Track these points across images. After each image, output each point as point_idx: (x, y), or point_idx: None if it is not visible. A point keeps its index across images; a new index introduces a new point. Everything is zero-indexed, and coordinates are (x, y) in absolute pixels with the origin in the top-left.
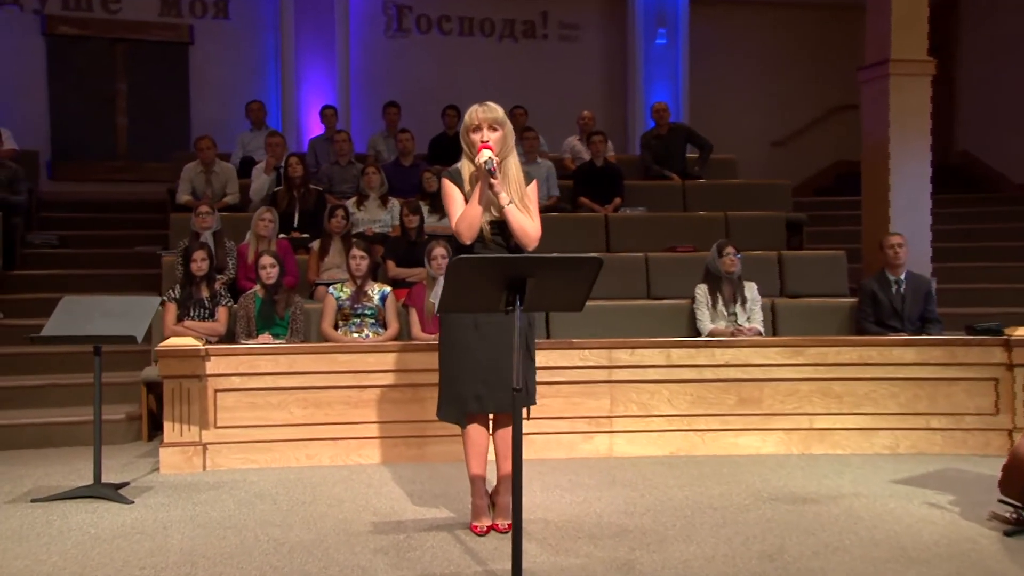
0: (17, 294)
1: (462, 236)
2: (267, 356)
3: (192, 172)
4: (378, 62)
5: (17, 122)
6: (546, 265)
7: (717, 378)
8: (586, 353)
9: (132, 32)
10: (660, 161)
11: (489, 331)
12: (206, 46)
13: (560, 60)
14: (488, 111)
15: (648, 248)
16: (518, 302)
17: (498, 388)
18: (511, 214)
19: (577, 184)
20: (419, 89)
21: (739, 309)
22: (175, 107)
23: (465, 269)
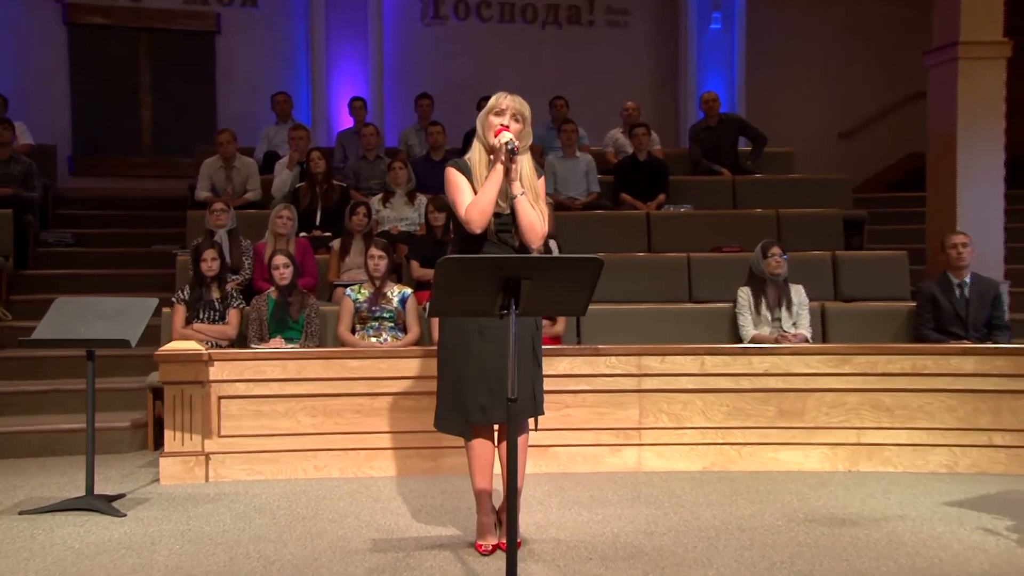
0: (29, 295)
1: (473, 224)
2: (274, 361)
3: (211, 168)
4: (413, 51)
5: (37, 115)
6: (543, 266)
7: (755, 388)
8: (613, 360)
9: (157, 21)
10: (709, 155)
11: (494, 335)
12: (234, 35)
13: (607, 47)
14: (516, 100)
15: (693, 248)
16: (514, 305)
17: (505, 397)
18: (521, 206)
19: (618, 180)
20: (455, 80)
21: (784, 314)
22: (201, 99)
23: (454, 270)
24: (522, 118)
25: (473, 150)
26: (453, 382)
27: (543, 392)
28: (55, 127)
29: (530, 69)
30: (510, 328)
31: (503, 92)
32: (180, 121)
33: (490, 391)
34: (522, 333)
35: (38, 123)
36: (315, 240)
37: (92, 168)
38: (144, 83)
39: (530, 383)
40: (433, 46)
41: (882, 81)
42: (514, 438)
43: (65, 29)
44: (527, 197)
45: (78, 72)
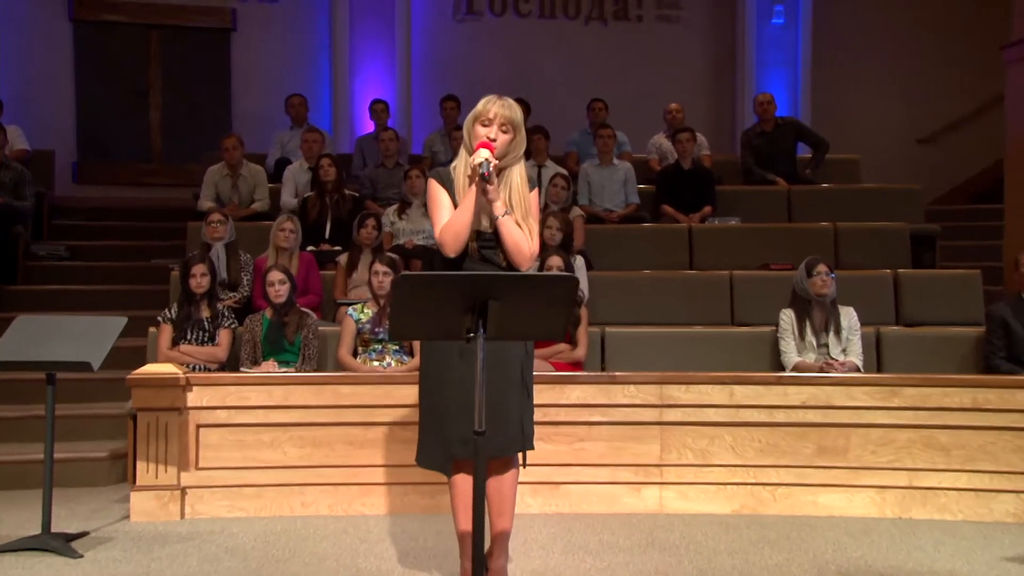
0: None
1: (446, 248)
2: (258, 387)
3: (216, 175)
4: (444, 50)
5: (40, 118)
6: (512, 284)
7: (791, 422)
8: (632, 389)
9: (168, 17)
10: (763, 162)
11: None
12: (250, 32)
13: (656, 45)
14: (506, 107)
15: (739, 266)
16: (481, 328)
17: (491, 430)
18: (505, 227)
19: (660, 190)
20: (490, 80)
21: (832, 339)
22: (215, 101)
23: (413, 289)
24: (512, 127)
25: (459, 159)
26: (434, 412)
27: (532, 424)
28: (58, 131)
29: (571, 69)
30: (477, 353)
31: (493, 96)
32: (192, 124)
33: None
34: (508, 358)
35: (40, 127)
36: (323, 254)
37: (97, 175)
38: (154, 84)
39: (518, 414)
40: (466, 44)
41: (969, 79)
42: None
43: (70, 26)
44: (513, 215)
45: (84, 72)
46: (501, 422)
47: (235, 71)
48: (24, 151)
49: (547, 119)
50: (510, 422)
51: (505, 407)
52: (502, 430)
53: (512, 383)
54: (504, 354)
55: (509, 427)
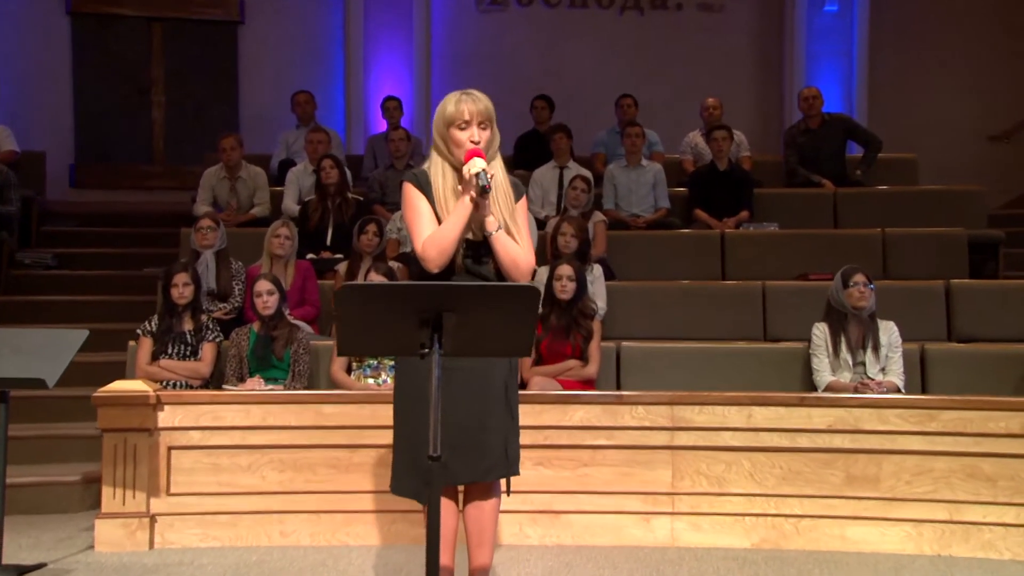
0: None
1: (429, 263)
2: (235, 406)
3: (214, 178)
4: (466, 43)
5: (36, 118)
6: (468, 296)
7: (817, 447)
8: (640, 410)
9: (171, 9)
10: (808, 163)
11: (458, 378)
12: (259, 25)
13: (697, 36)
14: (479, 102)
15: (776, 275)
16: (436, 344)
17: (471, 454)
18: (499, 243)
19: (692, 193)
20: (516, 76)
21: (870, 357)
22: (221, 99)
23: (357, 301)
24: (489, 121)
25: (434, 164)
26: (409, 435)
27: (518, 447)
28: (55, 131)
29: (604, 62)
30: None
31: (455, 93)
32: (197, 124)
33: (453, 446)
34: (490, 375)
35: (35, 127)
36: (323, 262)
37: (96, 179)
38: (157, 80)
39: (501, 436)
40: (490, 36)
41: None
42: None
43: (68, 19)
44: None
45: (82, 68)
46: (481, 445)
47: (243, 66)
48: (12, 152)
49: (576, 117)
50: (492, 445)
51: (486, 428)
52: (483, 453)
53: (494, 402)
54: (485, 370)
55: (491, 450)
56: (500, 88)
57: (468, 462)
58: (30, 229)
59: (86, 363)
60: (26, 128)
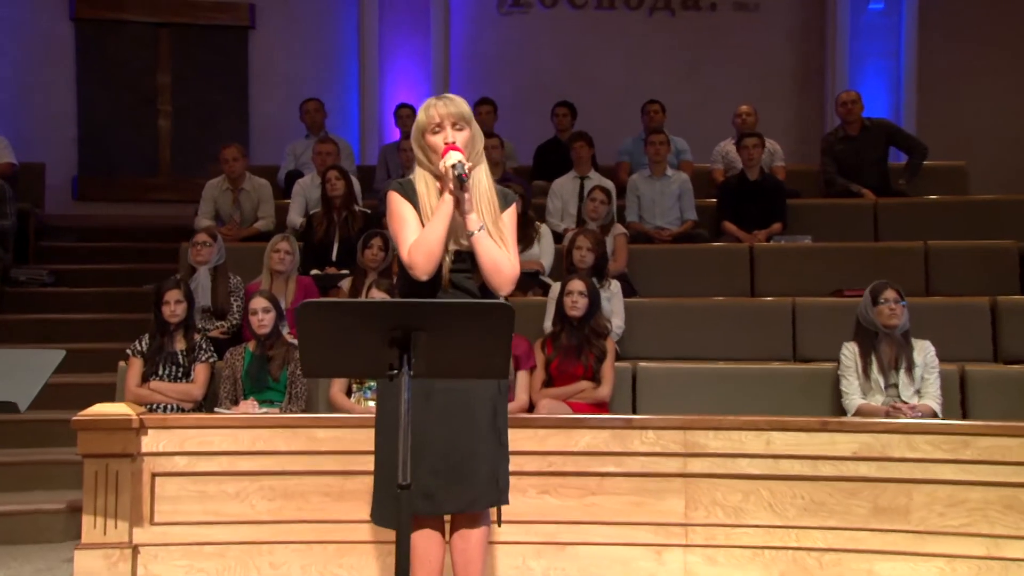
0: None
1: (417, 269)
2: (223, 430)
3: (216, 190)
4: (487, 47)
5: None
6: (438, 314)
7: (841, 475)
8: (651, 435)
9: (179, 14)
10: (847, 171)
11: (445, 400)
12: (271, 30)
13: (732, 38)
14: (450, 104)
15: (809, 291)
16: (406, 365)
17: (457, 482)
18: (481, 244)
19: (721, 203)
20: (539, 81)
21: (904, 378)
22: (231, 107)
23: (318, 319)
24: (464, 122)
25: (418, 176)
26: (391, 461)
27: (508, 476)
28: (58, 142)
29: (632, 66)
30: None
31: (429, 99)
32: (205, 134)
33: (437, 473)
34: (476, 398)
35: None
36: (327, 279)
37: (100, 191)
38: (163, 88)
39: (489, 464)
40: (512, 40)
41: None
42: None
43: (71, 26)
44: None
45: (86, 76)
46: (468, 473)
47: (253, 73)
48: (10, 165)
49: (602, 124)
50: (479, 472)
51: (472, 455)
52: (470, 482)
53: (480, 426)
54: (471, 393)
55: (478, 478)
56: (522, 94)
57: (453, 491)
58: (27, 245)
59: (79, 385)
60: (27, 139)
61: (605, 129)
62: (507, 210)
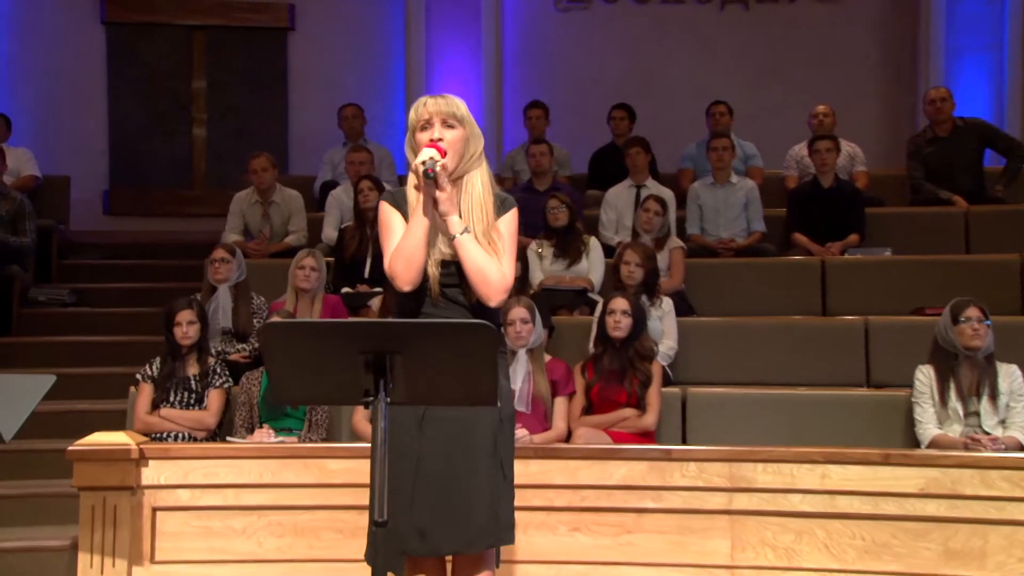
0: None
1: (397, 279)
2: (229, 460)
3: (244, 203)
4: (543, 46)
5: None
6: (416, 334)
7: (906, 515)
8: (692, 467)
9: (214, 16)
10: (936, 176)
11: (435, 431)
12: (311, 32)
13: (813, 32)
14: (441, 102)
15: (886, 310)
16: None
17: (452, 518)
18: (464, 248)
19: (791, 213)
20: (599, 82)
21: (986, 407)
22: (269, 114)
23: (284, 341)
24: (456, 120)
25: (410, 182)
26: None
27: (511, 511)
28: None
29: (701, 65)
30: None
31: (425, 96)
32: (242, 143)
33: (433, 510)
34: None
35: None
36: (356, 297)
37: (132, 205)
38: (198, 94)
39: (489, 498)
40: (571, 38)
41: None
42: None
43: (102, 29)
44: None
45: (117, 83)
46: (465, 509)
47: (292, 78)
48: (33, 178)
49: (667, 128)
50: (478, 508)
51: (471, 489)
52: (467, 519)
53: (479, 458)
54: (469, 420)
55: (477, 515)
56: (579, 97)
57: (450, 529)
58: (50, 263)
59: (95, 412)
60: (55, 150)
61: (668, 132)
62: (504, 216)
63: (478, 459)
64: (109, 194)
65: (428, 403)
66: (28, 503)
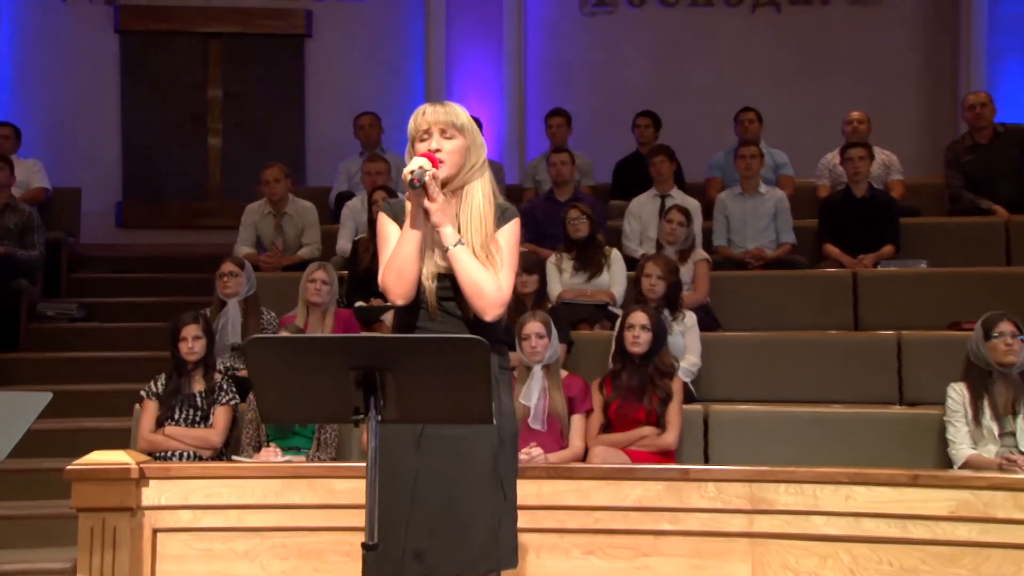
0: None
1: (389, 292)
2: (232, 480)
3: (256, 215)
4: (567, 51)
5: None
6: (406, 350)
7: (936, 539)
8: (711, 488)
9: (230, 23)
10: (976, 185)
11: (433, 449)
12: (328, 38)
13: (849, 36)
14: (440, 112)
15: (921, 324)
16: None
17: (450, 541)
18: (458, 260)
19: (822, 224)
20: (626, 89)
21: (1021, 425)
22: (286, 123)
23: (268, 357)
24: (458, 131)
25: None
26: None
27: (513, 534)
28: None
29: (732, 70)
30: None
31: (425, 105)
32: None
33: (431, 531)
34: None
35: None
36: (369, 312)
37: (145, 218)
38: (213, 104)
39: (488, 520)
40: (596, 43)
41: None
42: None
43: (116, 38)
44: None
45: (131, 92)
46: (464, 530)
47: (310, 86)
48: (42, 190)
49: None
50: (477, 530)
51: (470, 510)
52: (465, 541)
53: (478, 478)
54: (468, 441)
55: (476, 537)
56: (607, 103)
57: (448, 551)
58: (59, 277)
59: (99, 430)
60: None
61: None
62: (504, 227)
63: (477, 479)
64: (122, 206)
65: (421, 421)
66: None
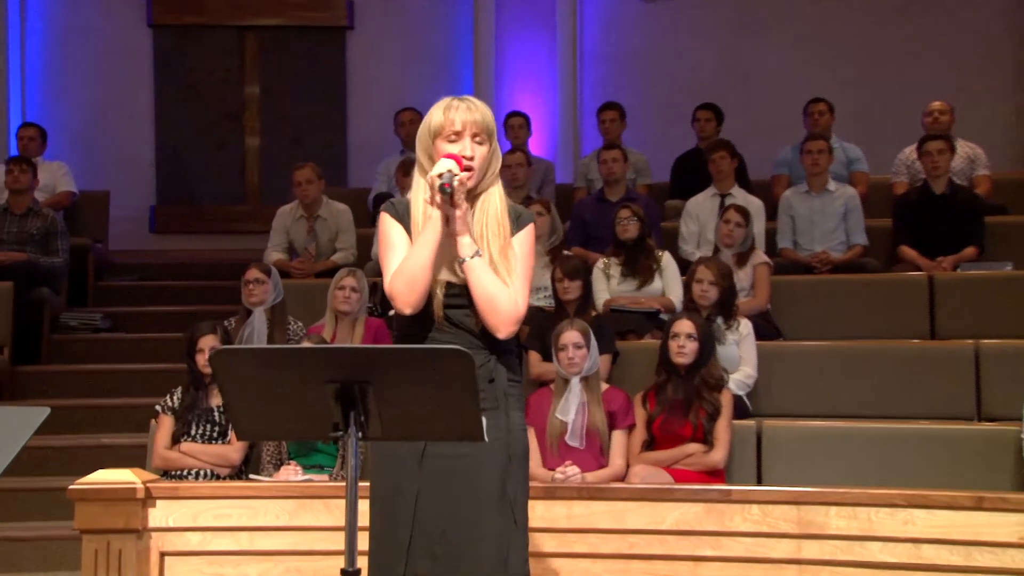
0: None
1: (397, 301)
2: (242, 501)
3: (288, 218)
4: (626, 41)
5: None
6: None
7: (1004, 568)
8: (756, 511)
9: (267, 15)
10: None
11: (436, 469)
12: (371, 30)
13: (930, 19)
14: (473, 110)
15: (1003, 333)
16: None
17: (456, 568)
18: (474, 273)
19: (898, 223)
20: (688, 80)
21: None
22: (326, 120)
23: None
24: (487, 136)
25: (415, 189)
26: (382, 540)
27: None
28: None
29: (804, 60)
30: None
31: (449, 99)
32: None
33: (433, 554)
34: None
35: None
36: None
37: (180, 223)
38: (251, 101)
39: (495, 543)
40: (657, 32)
41: None
42: None
43: (149, 33)
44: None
45: (165, 90)
46: (469, 556)
47: (352, 81)
48: (69, 194)
49: (760, 130)
50: (483, 555)
51: (476, 534)
52: (471, 566)
53: (485, 500)
54: (474, 460)
55: (482, 562)
56: (668, 96)
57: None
58: (85, 285)
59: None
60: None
61: (762, 136)
62: (519, 234)
63: (484, 501)
64: (156, 211)
65: (406, 438)
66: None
